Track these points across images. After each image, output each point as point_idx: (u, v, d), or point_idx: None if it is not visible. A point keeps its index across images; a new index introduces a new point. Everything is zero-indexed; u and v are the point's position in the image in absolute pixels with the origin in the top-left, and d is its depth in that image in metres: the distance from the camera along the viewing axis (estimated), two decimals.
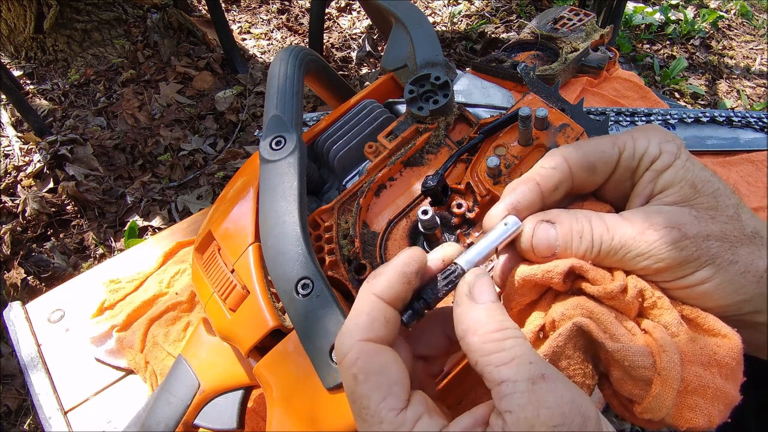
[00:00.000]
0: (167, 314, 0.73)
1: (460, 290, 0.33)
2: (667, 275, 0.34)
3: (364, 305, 0.32)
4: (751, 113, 0.94)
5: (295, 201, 0.49)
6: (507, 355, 0.29)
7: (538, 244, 0.35)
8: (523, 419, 0.27)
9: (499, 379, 0.29)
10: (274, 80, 0.59)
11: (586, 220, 0.35)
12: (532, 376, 0.28)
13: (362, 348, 0.31)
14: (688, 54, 2.39)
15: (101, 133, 1.95)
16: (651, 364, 0.32)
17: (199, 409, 0.52)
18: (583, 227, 0.35)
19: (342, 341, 0.32)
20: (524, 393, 0.28)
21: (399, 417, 0.29)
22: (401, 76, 0.66)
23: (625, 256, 0.34)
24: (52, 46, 2.19)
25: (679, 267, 0.33)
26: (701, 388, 0.32)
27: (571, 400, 0.28)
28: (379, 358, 0.31)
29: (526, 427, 0.27)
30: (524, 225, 0.36)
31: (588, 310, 0.34)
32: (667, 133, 0.37)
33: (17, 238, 1.66)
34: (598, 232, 0.35)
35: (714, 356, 0.32)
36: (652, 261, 0.33)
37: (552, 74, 0.96)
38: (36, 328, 0.76)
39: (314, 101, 2.02)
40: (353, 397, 0.30)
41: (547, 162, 0.37)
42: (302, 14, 2.58)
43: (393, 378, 0.30)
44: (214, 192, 1.80)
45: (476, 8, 2.60)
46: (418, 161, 0.55)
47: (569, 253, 0.35)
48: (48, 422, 0.66)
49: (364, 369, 0.30)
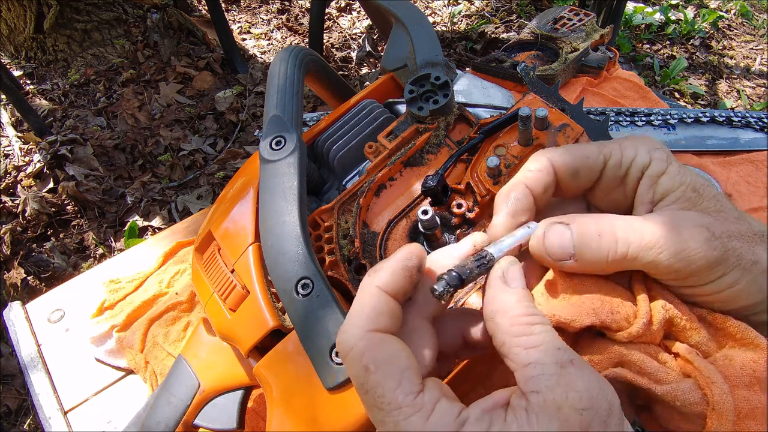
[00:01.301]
0: (167, 314, 0.73)
1: (494, 273, 0.33)
2: (696, 279, 0.33)
3: (367, 297, 0.32)
4: (751, 113, 0.94)
5: (295, 201, 0.49)
6: (535, 339, 0.29)
7: (551, 245, 0.34)
8: (551, 400, 0.27)
9: (527, 360, 0.29)
10: (274, 80, 0.59)
11: (608, 220, 0.34)
12: (560, 360, 0.28)
13: (370, 338, 0.31)
14: (688, 54, 2.39)
15: (101, 133, 1.95)
16: (701, 398, 0.31)
17: (199, 409, 0.52)
18: (604, 227, 0.34)
19: (347, 334, 0.31)
20: (552, 375, 0.28)
21: (417, 400, 0.29)
22: (401, 76, 0.66)
23: (653, 259, 0.32)
24: (52, 46, 2.19)
25: (710, 269, 0.32)
26: (751, 411, 0.31)
27: (599, 386, 0.28)
28: (388, 347, 0.31)
29: (552, 409, 0.27)
30: (537, 227, 0.35)
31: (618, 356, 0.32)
32: (654, 142, 0.37)
33: (17, 238, 1.66)
34: (623, 232, 0.33)
35: (754, 374, 0.32)
36: (684, 263, 0.32)
37: (552, 74, 0.96)
38: (36, 328, 0.76)
39: (314, 101, 2.02)
40: (365, 387, 0.30)
41: (533, 164, 0.37)
42: (302, 14, 2.58)
43: (404, 364, 0.30)
44: (214, 192, 1.80)
45: (476, 8, 2.60)
46: (418, 161, 0.55)
47: (588, 255, 0.33)
48: (48, 422, 0.66)
49: (374, 359, 0.30)
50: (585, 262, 0.34)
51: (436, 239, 0.49)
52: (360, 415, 0.41)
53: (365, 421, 0.41)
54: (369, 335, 0.31)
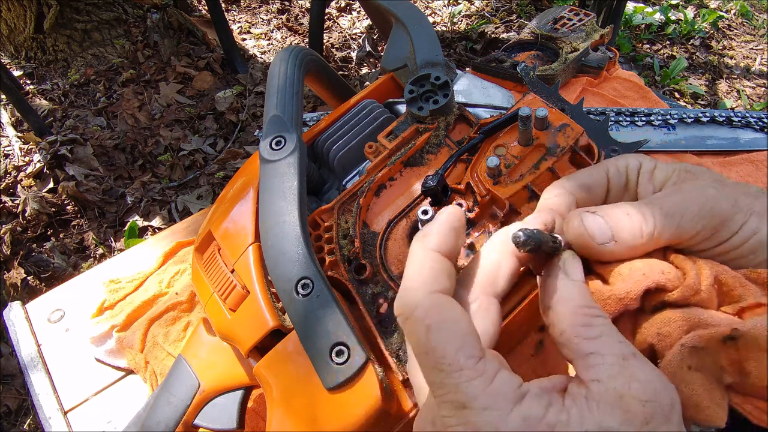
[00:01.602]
0: (167, 314, 0.73)
1: (556, 263, 0.34)
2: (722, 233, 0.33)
3: (424, 260, 0.33)
4: (751, 113, 0.94)
5: (295, 201, 0.49)
6: (596, 331, 0.29)
7: (592, 229, 0.34)
8: (612, 390, 0.27)
9: (588, 350, 0.29)
10: (274, 80, 0.59)
11: (626, 203, 0.36)
12: (622, 352, 0.28)
13: (433, 299, 0.31)
14: (688, 54, 2.39)
15: (101, 133, 1.95)
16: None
17: (199, 409, 0.52)
18: (626, 208, 0.35)
19: (408, 296, 0.31)
20: (614, 365, 0.28)
21: (479, 365, 0.29)
22: (401, 76, 0.66)
23: (678, 224, 0.33)
24: (52, 46, 2.19)
25: (730, 219, 0.33)
26: None
27: (661, 381, 0.28)
28: (451, 309, 0.31)
29: (613, 397, 0.27)
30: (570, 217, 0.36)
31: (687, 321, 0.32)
32: (639, 153, 0.40)
33: (17, 238, 1.66)
34: (644, 207, 0.34)
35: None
36: (707, 217, 0.33)
37: (552, 74, 0.96)
38: (36, 328, 0.76)
39: (314, 101, 2.02)
40: (426, 348, 0.30)
41: (550, 193, 0.39)
42: (302, 14, 2.58)
43: (466, 329, 0.30)
44: (214, 192, 1.80)
45: (476, 8, 2.60)
46: (418, 161, 0.55)
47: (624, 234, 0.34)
48: (48, 422, 0.66)
49: (438, 319, 0.30)
50: (623, 241, 0.34)
51: None
52: (360, 415, 0.41)
53: (365, 421, 0.41)
54: (431, 296, 0.31)
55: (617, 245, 0.34)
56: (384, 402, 0.41)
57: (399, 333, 0.46)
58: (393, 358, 0.45)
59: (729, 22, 2.60)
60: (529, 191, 0.49)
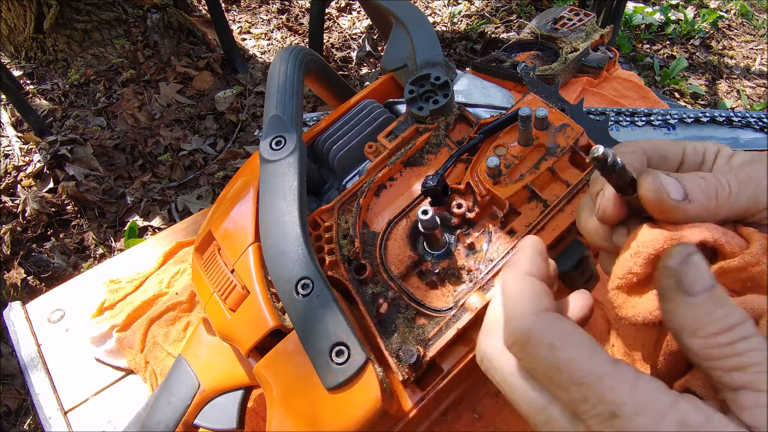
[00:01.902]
0: (167, 314, 0.73)
1: (665, 281, 0.28)
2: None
3: (522, 285, 0.31)
4: (751, 113, 0.94)
5: (295, 201, 0.49)
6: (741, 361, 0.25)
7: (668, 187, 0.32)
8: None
9: (734, 384, 0.25)
10: (274, 80, 0.59)
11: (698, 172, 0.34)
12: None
13: (546, 318, 0.29)
14: (688, 54, 2.39)
15: (101, 133, 1.95)
16: None
17: (199, 409, 0.52)
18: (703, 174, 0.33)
19: (517, 323, 0.30)
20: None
21: (617, 369, 0.26)
22: (401, 76, 0.66)
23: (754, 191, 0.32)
24: (52, 46, 2.19)
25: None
26: None
27: None
28: (565, 323, 0.29)
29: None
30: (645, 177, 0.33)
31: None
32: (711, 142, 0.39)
33: (17, 238, 1.66)
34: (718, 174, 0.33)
35: None
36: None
37: (552, 74, 0.96)
38: (36, 328, 0.76)
39: (314, 101, 2.02)
40: (557, 366, 0.27)
41: (626, 147, 0.37)
42: (302, 14, 2.58)
43: (588, 338, 0.28)
44: (214, 192, 1.80)
45: (476, 8, 2.60)
46: (418, 161, 0.55)
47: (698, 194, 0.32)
48: (48, 422, 0.66)
49: (559, 335, 0.28)
50: (697, 201, 0.32)
51: (436, 239, 0.49)
52: (360, 415, 0.41)
53: (365, 421, 0.41)
54: (542, 315, 0.29)
55: (690, 204, 0.32)
56: (384, 402, 0.41)
57: (400, 334, 0.46)
58: (393, 358, 0.45)
59: (729, 22, 2.60)
60: (529, 191, 0.49)
